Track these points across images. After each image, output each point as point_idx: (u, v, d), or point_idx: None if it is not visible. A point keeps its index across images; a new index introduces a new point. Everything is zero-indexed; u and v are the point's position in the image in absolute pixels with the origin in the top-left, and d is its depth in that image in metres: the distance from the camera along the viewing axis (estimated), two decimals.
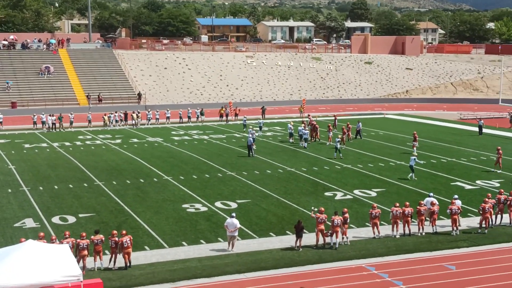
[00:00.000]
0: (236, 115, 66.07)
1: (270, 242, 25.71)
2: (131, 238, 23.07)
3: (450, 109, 79.74)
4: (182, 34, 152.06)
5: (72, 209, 30.67)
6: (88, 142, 51.89)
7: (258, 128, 56.80)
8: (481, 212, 27.10)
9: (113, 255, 22.82)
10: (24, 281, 17.19)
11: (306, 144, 48.61)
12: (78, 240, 22.37)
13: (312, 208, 27.01)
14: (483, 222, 27.09)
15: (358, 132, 53.73)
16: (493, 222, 27.97)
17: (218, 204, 31.58)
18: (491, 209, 27.39)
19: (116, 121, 62.06)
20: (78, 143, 51.63)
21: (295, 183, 36.51)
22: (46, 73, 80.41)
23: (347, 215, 25.66)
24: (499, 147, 41.07)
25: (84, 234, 22.87)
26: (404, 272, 22.50)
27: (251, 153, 44.86)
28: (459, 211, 26.90)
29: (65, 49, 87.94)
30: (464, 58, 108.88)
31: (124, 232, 23.24)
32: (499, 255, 24.47)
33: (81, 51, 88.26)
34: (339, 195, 33.38)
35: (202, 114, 64.77)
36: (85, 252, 22.30)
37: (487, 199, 27.67)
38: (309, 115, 61.37)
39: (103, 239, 22.91)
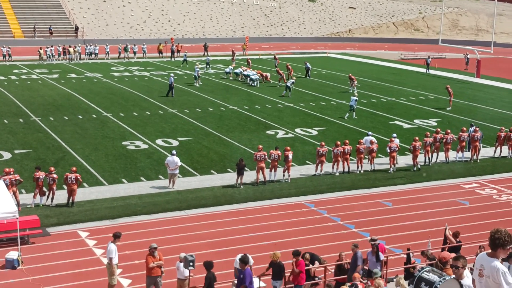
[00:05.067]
0: (178, 51, 64.86)
1: (211, 180, 25.71)
2: (78, 176, 22.48)
3: (391, 48, 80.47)
4: None
5: (7, 145, 29.82)
6: (23, 77, 50.18)
7: (205, 65, 56.22)
8: (411, 150, 27.77)
9: (51, 192, 22.39)
10: None
11: (256, 82, 48.21)
12: (4, 177, 21.35)
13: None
14: (415, 159, 27.78)
15: (307, 72, 53.63)
16: (430, 160, 28.75)
17: (159, 141, 31.24)
18: (428, 148, 28.11)
19: (53, 55, 60.07)
20: (13, 77, 49.88)
21: (237, 121, 36.40)
22: None
23: (287, 152, 25.76)
24: (448, 86, 42.38)
25: (10, 169, 21.97)
26: (342, 208, 22.95)
27: (170, 93, 42.91)
28: (397, 149, 27.48)
29: None
30: None
31: (74, 169, 22.76)
32: (434, 192, 25.21)
33: None
34: (280, 133, 33.49)
35: (125, 50, 63.12)
36: (14, 188, 21.55)
37: (425, 138, 28.35)
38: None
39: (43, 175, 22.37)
